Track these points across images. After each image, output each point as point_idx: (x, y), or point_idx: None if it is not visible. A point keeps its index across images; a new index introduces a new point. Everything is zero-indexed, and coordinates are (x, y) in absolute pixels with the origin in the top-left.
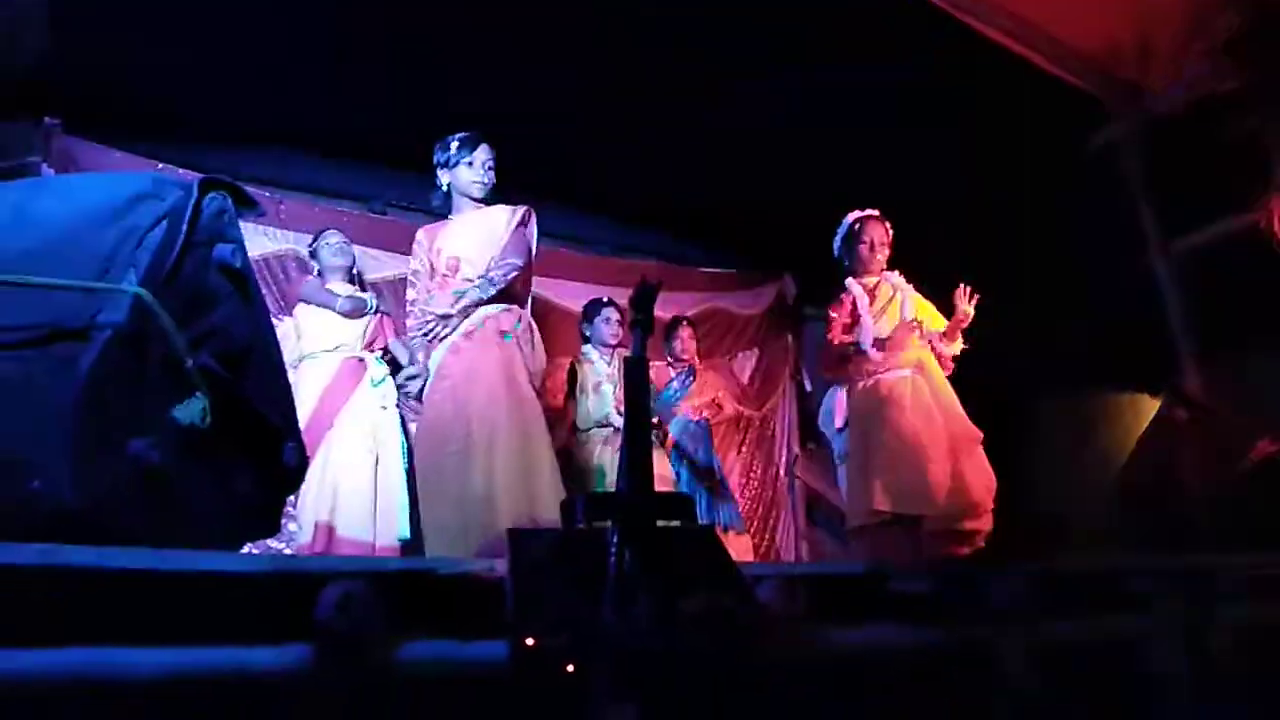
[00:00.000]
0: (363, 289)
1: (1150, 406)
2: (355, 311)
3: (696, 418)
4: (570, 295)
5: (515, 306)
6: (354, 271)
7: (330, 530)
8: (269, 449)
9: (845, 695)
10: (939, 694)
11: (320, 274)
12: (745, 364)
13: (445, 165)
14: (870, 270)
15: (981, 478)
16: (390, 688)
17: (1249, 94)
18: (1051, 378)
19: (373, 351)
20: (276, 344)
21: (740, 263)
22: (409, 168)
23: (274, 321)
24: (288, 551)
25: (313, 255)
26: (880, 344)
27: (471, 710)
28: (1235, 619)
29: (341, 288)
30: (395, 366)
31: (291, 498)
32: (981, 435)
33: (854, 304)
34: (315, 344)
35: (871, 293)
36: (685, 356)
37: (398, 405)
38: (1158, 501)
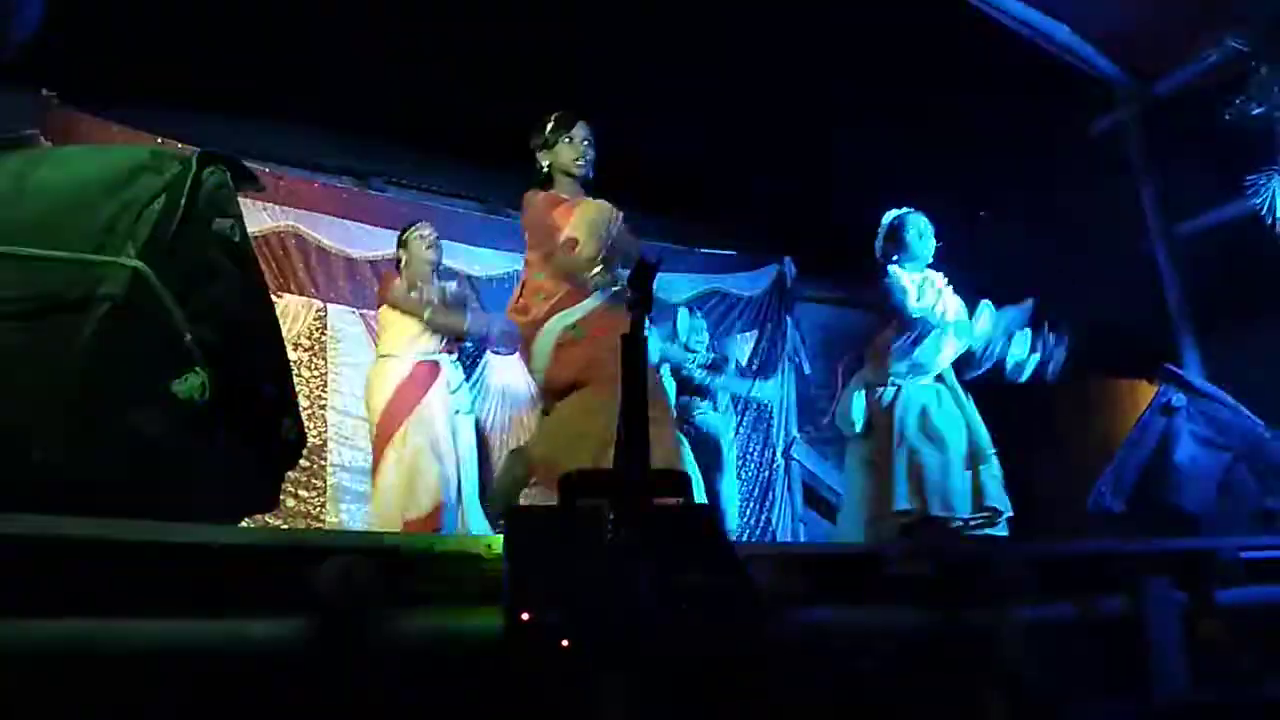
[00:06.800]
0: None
1: (1147, 391)
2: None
3: None
4: None
5: None
6: (441, 267)
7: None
8: (267, 424)
9: (840, 675)
10: (935, 674)
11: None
12: (744, 345)
13: (544, 146)
14: (920, 259)
15: (997, 487)
16: (388, 661)
17: (1255, 78)
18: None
19: (450, 353)
20: (275, 320)
21: (740, 244)
22: (408, 145)
23: (273, 299)
24: None
25: (400, 245)
26: (916, 366)
27: (467, 684)
28: (1230, 601)
29: (430, 290)
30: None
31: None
32: (994, 450)
33: (903, 301)
34: (393, 345)
35: (918, 289)
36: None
37: (471, 411)
38: (1154, 485)
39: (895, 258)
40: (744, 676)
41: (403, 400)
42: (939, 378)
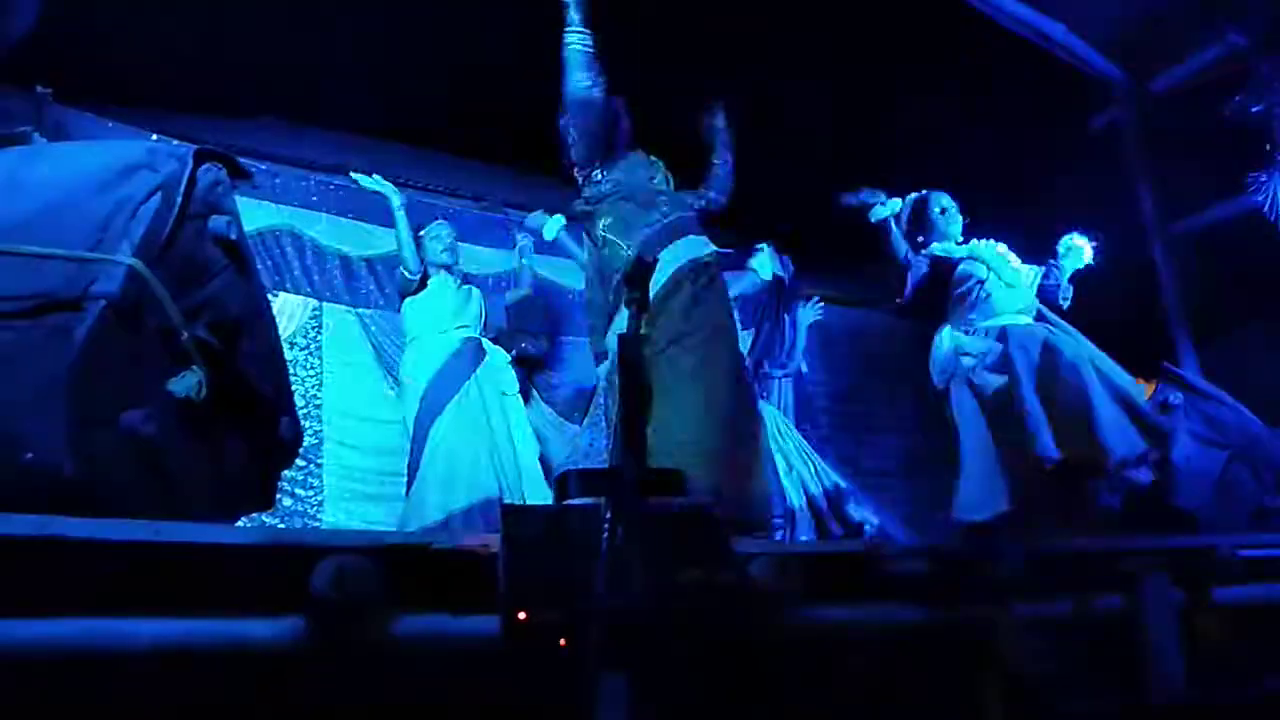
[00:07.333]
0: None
1: (1145, 390)
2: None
3: None
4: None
5: None
6: (457, 268)
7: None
8: (264, 423)
9: (838, 671)
10: (934, 672)
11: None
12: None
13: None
14: (948, 238)
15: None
16: (384, 660)
17: (1253, 75)
18: None
19: (494, 340)
20: (272, 318)
21: (737, 243)
22: (404, 142)
23: (269, 296)
24: None
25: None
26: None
27: (464, 683)
28: (1227, 600)
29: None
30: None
31: None
32: (1143, 385)
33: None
34: (432, 324)
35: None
36: None
37: (518, 393)
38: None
39: (922, 240)
40: (743, 674)
41: (450, 378)
42: (1040, 316)
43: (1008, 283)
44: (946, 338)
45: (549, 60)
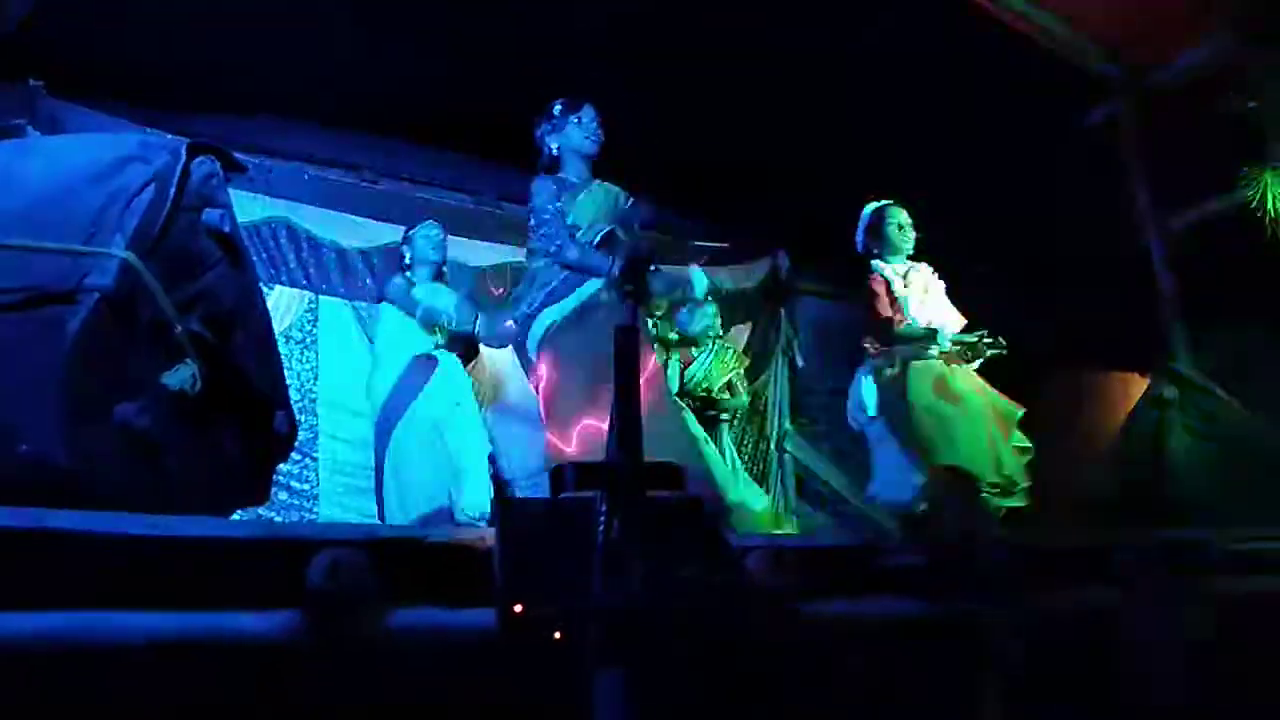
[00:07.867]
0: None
1: (1140, 384)
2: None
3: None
4: None
5: None
6: (444, 267)
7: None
8: (259, 416)
9: (833, 665)
10: (926, 665)
11: (410, 265)
12: (738, 339)
13: (554, 130)
14: (900, 252)
15: (1018, 455)
16: (379, 653)
17: (1248, 71)
18: (1043, 355)
19: (448, 349)
20: (266, 311)
21: (734, 237)
22: (399, 137)
23: (264, 289)
24: None
25: (405, 242)
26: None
27: (460, 677)
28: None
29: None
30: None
31: None
32: (1022, 411)
33: (888, 287)
34: (394, 343)
35: (904, 279)
36: (710, 335)
37: (473, 403)
38: (1146, 476)
39: (876, 251)
40: (739, 669)
41: (402, 394)
42: (945, 356)
43: (928, 327)
44: (862, 385)
45: (546, 58)
